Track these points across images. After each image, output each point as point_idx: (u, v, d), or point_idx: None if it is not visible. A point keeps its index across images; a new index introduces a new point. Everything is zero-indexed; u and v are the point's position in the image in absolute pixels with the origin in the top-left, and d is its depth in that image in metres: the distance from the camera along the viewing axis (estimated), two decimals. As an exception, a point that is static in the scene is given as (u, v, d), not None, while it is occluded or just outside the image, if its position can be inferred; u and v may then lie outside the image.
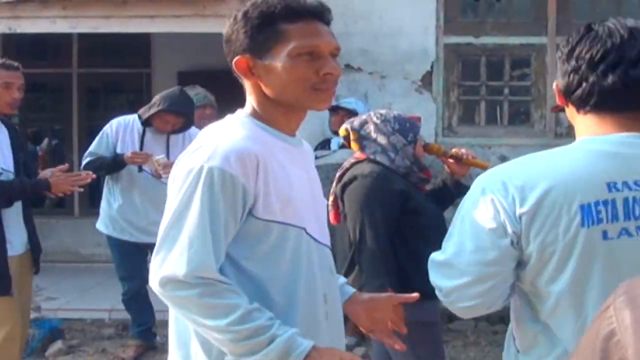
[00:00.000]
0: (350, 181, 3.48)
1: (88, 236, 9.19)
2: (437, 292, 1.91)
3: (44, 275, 5.33)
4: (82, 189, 4.54)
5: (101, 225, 5.74)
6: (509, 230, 1.73)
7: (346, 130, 3.57)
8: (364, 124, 3.53)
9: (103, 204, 5.73)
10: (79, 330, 6.47)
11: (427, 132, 6.83)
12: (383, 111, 3.62)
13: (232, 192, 1.86)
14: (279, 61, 1.91)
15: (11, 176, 4.19)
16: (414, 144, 3.49)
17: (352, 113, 5.45)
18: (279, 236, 1.94)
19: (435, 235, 3.38)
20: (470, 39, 6.99)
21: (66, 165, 4.45)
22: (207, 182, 1.84)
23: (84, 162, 5.54)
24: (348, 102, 5.90)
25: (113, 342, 6.22)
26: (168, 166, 5.30)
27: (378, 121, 3.49)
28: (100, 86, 10.08)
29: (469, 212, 1.81)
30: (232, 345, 1.86)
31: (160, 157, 5.36)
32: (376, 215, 3.34)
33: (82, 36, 8.82)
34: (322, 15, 1.98)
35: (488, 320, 6.62)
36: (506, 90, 7.09)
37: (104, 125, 5.74)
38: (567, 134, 6.96)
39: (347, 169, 3.54)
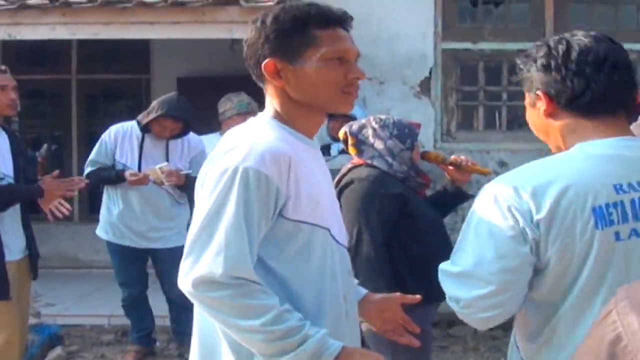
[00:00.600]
0: (347, 185, 3.47)
1: (87, 242, 9.19)
2: (452, 303, 1.90)
3: (43, 281, 5.33)
4: (75, 194, 4.50)
5: (101, 231, 5.74)
6: (529, 237, 1.74)
7: (345, 134, 3.57)
8: (362, 128, 3.53)
9: (103, 210, 5.73)
10: (78, 336, 6.47)
11: (426, 137, 6.84)
12: (383, 116, 3.60)
13: (267, 192, 1.88)
14: (310, 65, 1.97)
15: (11, 181, 4.19)
16: (411, 150, 3.48)
17: (351, 118, 5.45)
18: (308, 237, 1.98)
19: (434, 240, 3.40)
20: (468, 45, 7.01)
21: (56, 172, 4.43)
22: (243, 182, 1.86)
23: (85, 171, 5.54)
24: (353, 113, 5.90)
25: (112, 348, 6.23)
26: (172, 174, 5.31)
27: (376, 126, 3.49)
28: (99, 92, 10.07)
29: (483, 221, 1.80)
30: (263, 346, 1.87)
31: (164, 164, 5.36)
32: (372, 219, 3.33)
33: (82, 42, 8.84)
34: (346, 22, 2.07)
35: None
36: (504, 96, 7.11)
37: (103, 131, 5.74)
38: (565, 139, 6.98)
39: (345, 174, 3.54)
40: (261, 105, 2.14)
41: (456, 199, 3.77)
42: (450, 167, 3.63)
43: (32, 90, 9.83)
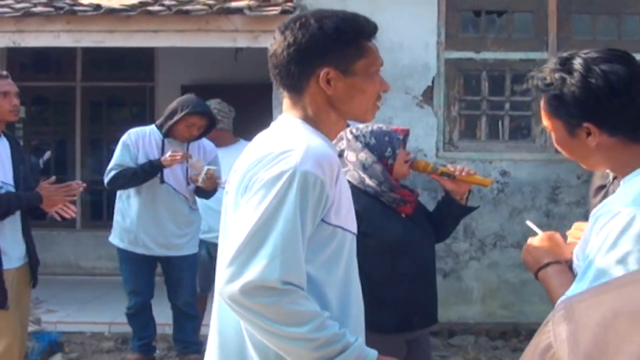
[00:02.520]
0: None
1: (89, 249, 9.23)
2: None
3: (44, 287, 5.34)
4: (75, 198, 4.48)
5: (115, 238, 5.68)
6: None
7: None
8: (338, 140, 3.27)
9: (117, 217, 5.65)
10: (78, 343, 6.47)
11: (428, 146, 6.85)
12: (361, 125, 3.27)
13: (319, 197, 1.89)
14: (360, 76, 2.01)
15: (11, 189, 4.19)
16: (393, 159, 3.22)
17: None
18: (340, 241, 2.00)
19: (393, 264, 3.15)
20: (471, 54, 7.02)
21: (52, 178, 4.42)
22: (301, 186, 1.85)
23: (109, 176, 5.41)
24: None
25: (112, 356, 6.23)
26: (212, 179, 5.29)
27: (350, 137, 3.26)
28: (103, 100, 10.10)
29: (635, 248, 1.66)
30: (306, 354, 1.85)
31: (213, 167, 5.34)
32: None
33: (86, 50, 8.87)
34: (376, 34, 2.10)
35: (488, 336, 6.62)
36: (507, 105, 7.11)
37: (107, 138, 5.74)
38: (567, 149, 6.98)
39: None
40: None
41: (454, 212, 3.44)
42: (444, 178, 3.32)
43: (37, 97, 9.86)
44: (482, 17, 7.17)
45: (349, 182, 3.15)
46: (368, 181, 3.20)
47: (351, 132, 3.26)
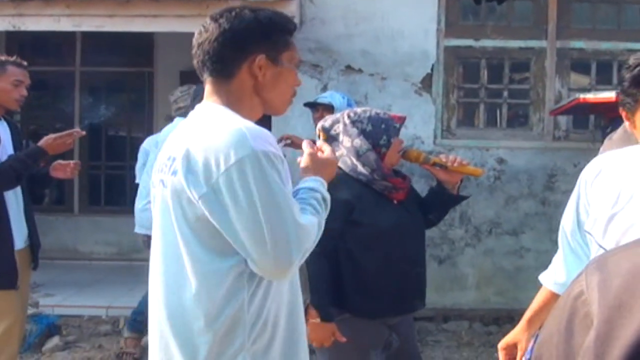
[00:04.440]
0: None
1: (87, 234, 9.26)
2: None
3: (43, 271, 5.36)
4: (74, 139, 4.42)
5: (142, 228, 5.55)
6: None
7: (319, 129, 3.35)
8: (335, 123, 3.29)
9: (139, 205, 5.56)
10: (75, 327, 6.50)
11: (426, 133, 6.87)
12: (359, 110, 3.33)
13: (284, 169, 2.00)
14: (284, 67, 2.14)
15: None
16: (386, 148, 3.23)
17: (330, 107, 5.36)
18: None
19: (384, 252, 3.17)
20: (470, 42, 7.03)
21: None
22: (268, 163, 1.92)
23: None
24: (324, 97, 5.76)
25: (109, 339, 6.25)
26: None
27: (348, 121, 3.25)
28: (102, 85, 10.11)
29: None
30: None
31: None
32: None
33: (85, 35, 8.87)
34: None
35: (482, 321, 6.66)
36: (505, 93, 7.13)
37: (106, 123, 5.74)
38: (565, 137, 7.01)
39: None
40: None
41: (445, 201, 3.45)
42: (437, 167, 3.32)
43: (35, 82, 9.81)
44: (482, 5, 7.17)
45: (340, 169, 3.18)
46: (360, 168, 3.21)
47: (349, 116, 3.26)
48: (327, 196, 2.18)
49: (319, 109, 5.47)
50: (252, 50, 2.08)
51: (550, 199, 6.87)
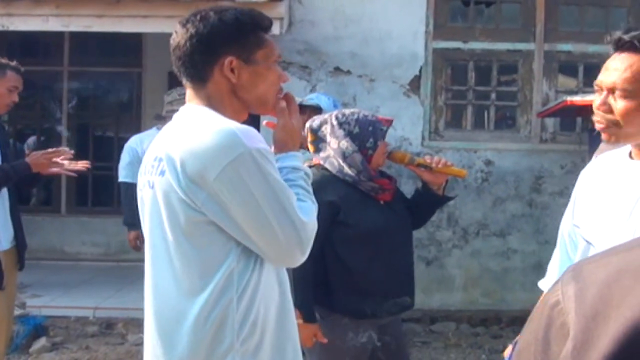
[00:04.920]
0: None
1: (74, 234, 9.23)
2: None
3: (30, 272, 5.34)
4: (69, 161, 4.39)
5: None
6: None
7: (307, 129, 3.37)
8: (323, 124, 3.31)
9: None
10: (63, 328, 6.48)
11: (414, 135, 6.89)
12: (348, 111, 3.36)
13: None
14: (261, 66, 2.09)
15: (-1, 172, 4.18)
16: (373, 150, 3.24)
17: (317, 109, 5.35)
18: None
19: (371, 253, 3.19)
20: (458, 44, 7.06)
21: (29, 151, 4.42)
22: (263, 159, 1.94)
23: None
24: (310, 99, 5.77)
25: (97, 340, 6.24)
26: None
27: (335, 123, 3.26)
28: (91, 85, 10.07)
29: None
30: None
31: None
32: None
33: (74, 35, 8.84)
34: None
35: (469, 323, 6.69)
36: (493, 95, 7.16)
37: (93, 124, 5.74)
38: (552, 139, 7.04)
39: None
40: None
41: (430, 202, 3.46)
42: (422, 168, 3.33)
43: (24, 82, 9.80)
44: (470, 7, 7.20)
45: (327, 170, 3.22)
46: (347, 170, 3.22)
47: (337, 118, 3.27)
48: (308, 171, 2.19)
49: (307, 110, 5.47)
50: (221, 52, 2.04)
51: (537, 201, 6.90)
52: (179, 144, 1.97)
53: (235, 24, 2.06)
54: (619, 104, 2.00)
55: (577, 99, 5.67)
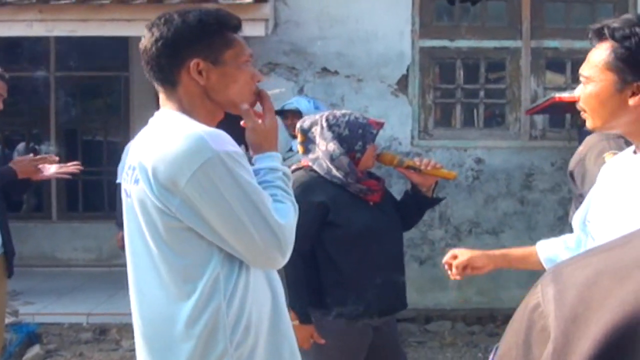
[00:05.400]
0: None
1: (65, 240, 9.19)
2: None
3: (22, 279, 5.32)
4: (51, 172, 4.36)
5: None
6: None
7: (297, 130, 3.38)
8: (313, 125, 3.31)
9: None
10: (56, 335, 6.45)
11: (403, 134, 6.89)
12: (339, 113, 3.35)
13: (249, 166, 2.01)
14: (231, 66, 2.06)
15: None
16: (361, 153, 3.25)
17: (298, 113, 5.34)
18: None
19: (362, 253, 3.21)
20: (445, 43, 7.06)
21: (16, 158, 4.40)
22: (232, 162, 1.92)
23: None
24: (290, 103, 5.78)
25: (90, 346, 6.22)
26: None
27: (325, 124, 3.26)
28: (78, 90, 10.04)
29: None
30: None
31: None
32: None
33: (60, 39, 8.80)
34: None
35: (464, 321, 6.69)
36: (482, 93, 7.17)
37: (82, 128, 5.70)
38: (541, 136, 7.05)
39: None
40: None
41: (419, 203, 3.47)
42: (411, 170, 3.33)
43: (10, 88, 9.75)
44: (456, 6, 7.21)
45: (316, 172, 3.23)
46: (335, 172, 3.22)
47: (327, 120, 3.27)
48: (287, 171, 2.15)
49: (288, 115, 5.47)
50: (186, 55, 2.02)
51: (529, 198, 6.92)
52: (149, 151, 1.97)
53: (199, 25, 2.03)
54: (582, 91, 2.05)
55: (566, 95, 5.67)
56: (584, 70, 2.04)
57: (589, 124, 2.09)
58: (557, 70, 7.31)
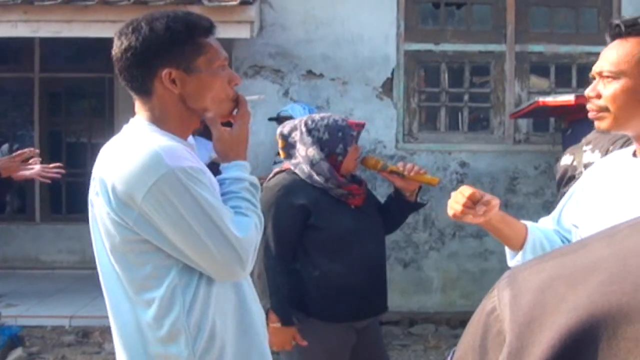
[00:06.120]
0: None
1: (49, 243, 9.15)
2: None
3: (4, 281, 5.29)
4: (42, 166, 4.33)
5: None
6: None
7: (277, 135, 3.39)
8: (293, 130, 3.31)
9: None
10: (39, 337, 6.42)
11: (388, 138, 6.91)
12: (318, 116, 3.35)
13: (209, 180, 1.97)
14: (204, 73, 2.00)
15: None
16: (343, 156, 3.24)
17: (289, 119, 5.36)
18: None
19: (345, 256, 3.22)
20: (430, 46, 7.08)
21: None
22: (188, 179, 1.89)
23: None
24: (285, 110, 5.79)
25: (73, 349, 6.19)
26: None
27: (304, 129, 3.26)
28: (62, 91, 9.99)
29: None
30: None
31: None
32: (268, 231, 3.13)
33: (44, 40, 8.76)
34: (215, 31, 2.10)
35: (448, 324, 6.71)
36: (466, 97, 7.19)
37: (66, 130, 5.67)
38: (525, 140, 7.08)
39: (270, 179, 3.38)
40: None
41: (402, 208, 3.48)
42: (394, 175, 3.34)
43: (-6, 89, 9.72)
44: (441, 9, 7.23)
45: (297, 175, 3.23)
46: (315, 177, 3.22)
47: (305, 124, 3.27)
48: (255, 180, 2.11)
49: (284, 122, 5.49)
50: (157, 65, 1.97)
51: (513, 202, 6.94)
52: (109, 165, 1.96)
53: (167, 34, 1.96)
54: (607, 88, 2.00)
55: (550, 99, 5.71)
56: (611, 66, 1.99)
57: (604, 125, 2.04)
58: (541, 75, 7.34)
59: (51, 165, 4.31)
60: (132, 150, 1.93)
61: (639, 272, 0.70)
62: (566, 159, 3.41)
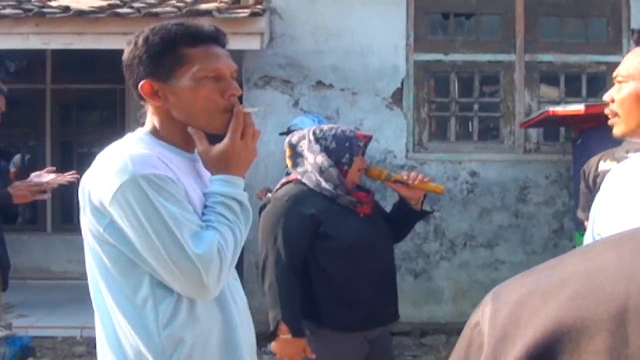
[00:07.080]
0: (265, 205, 3.36)
1: (60, 253, 9.17)
2: None
3: (15, 292, 5.30)
4: (47, 196, 4.41)
5: None
6: None
7: (286, 145, 3.38)
8: (301, 139, 3.32)
9: None
10: (50, 348, 6.44)
11: (398, 148, 6.91)
12: (326, 127, 3.38)
13: (176, 189, 1.91)
14: (185, 84, 1.97)
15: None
16: (348, 166, 3.25)
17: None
18: None
19: (355, 265, 3.21)
20: (440, 56, 7.09)
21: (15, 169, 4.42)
22: (151, 186, 1.87)
23: None
24: (294, 125, 5.81)
25: (84, 360, 6.20)
26: None
27: (312, 138, 3.27)
28: (73, 102, 10.05)
29: None
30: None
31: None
32: (278, 241, 3.16)
33: (56, 52, 8.82)
34: (218, 39, 2.05)
35: (459, 335, 6.67)
36: (476, 107, 7.19)
37: (77, 141, 5.70)
38: (535, 149, 7.07)
39: (277, 190, 3.38)
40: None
41: (408, 216, 3.48)
42: (400, 184, 3.34)
43: (6, 100, 9.75)
44: (450, 20, 7.24)
45: (305, 185, 3.24)
46: (324, 184, 3.23)
47: (314, 133, 3.29)
48: (239, 195, 2.03)
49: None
50: (140, 77, 1.98)
51: (523, 211, 6.93)
52: (88, 172, 1.99)
53: (144, 46, 1.97)
54: (619, 93, 2.00)
55: (560, 109, 5.69)
56: (624, 71, 2.00)
57: (616, 130, 2.04)
58: (551, 84, 7.34)
59: (66, 174, 4.35)
60: (107, 157, 1.96)
61: (603, 288, 0.72)
62: (605, 165, 3.40)
